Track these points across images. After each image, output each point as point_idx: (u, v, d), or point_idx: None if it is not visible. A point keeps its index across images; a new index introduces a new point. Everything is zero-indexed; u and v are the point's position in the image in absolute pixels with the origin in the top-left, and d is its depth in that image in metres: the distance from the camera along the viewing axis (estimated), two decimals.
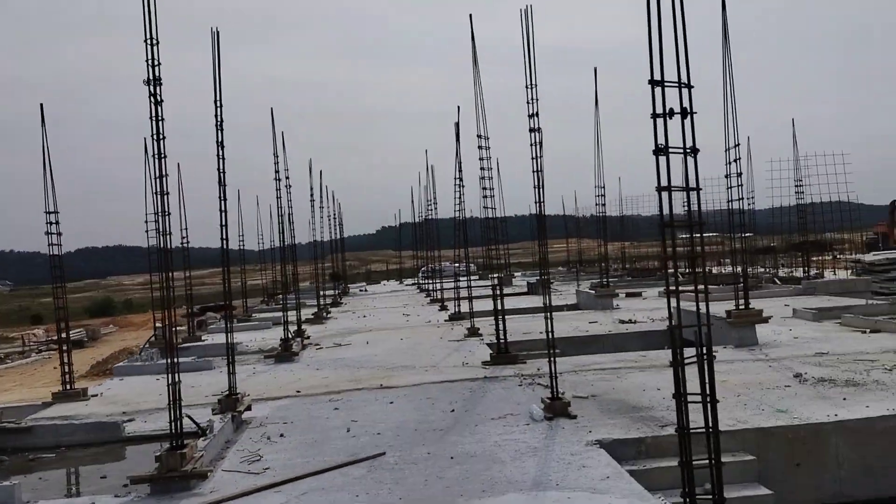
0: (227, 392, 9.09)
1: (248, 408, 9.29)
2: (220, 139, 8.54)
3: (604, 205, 24.25)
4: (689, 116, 4.92)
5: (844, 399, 8.14)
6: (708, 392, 4.84)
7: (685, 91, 4.89)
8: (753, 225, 25.87)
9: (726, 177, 12.75)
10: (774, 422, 7.43)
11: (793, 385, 9.07)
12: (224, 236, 8.71)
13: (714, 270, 31.73)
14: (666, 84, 4.87)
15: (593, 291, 21.67)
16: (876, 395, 8.20)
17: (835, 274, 28.15)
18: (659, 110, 4.90)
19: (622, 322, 17.02)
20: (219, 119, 8.56)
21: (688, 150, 4.93)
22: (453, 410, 8.84)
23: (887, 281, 22.79)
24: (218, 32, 8.57)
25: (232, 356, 9.29)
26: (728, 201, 13.07)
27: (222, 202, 8.53)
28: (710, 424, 4.81)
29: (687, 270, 14.74)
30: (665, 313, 14.40)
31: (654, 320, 16.62)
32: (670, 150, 4.92)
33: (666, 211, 4.91)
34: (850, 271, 27.84)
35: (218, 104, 8.52)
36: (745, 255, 16.72)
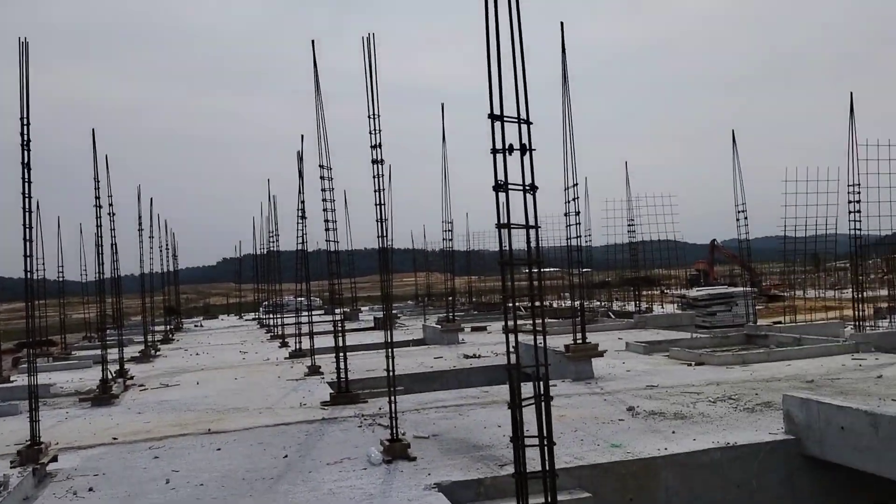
0: (29, 441, 8.11)
1: (55, 459, 8.32)
2: (26, 160, 7.66)
3: (451, 240, 24.56)
4: (528, 153, 4.84)
5: (673, 432, 8.37)
6: (545, 434, 4.71)
7: (524, 127, 4.82)
8: (590, 261, 26.98)
9: (565, 214, 13.13)
10: (609, 457, 7.49)
11: (626, 419, 9.27)
12: (28, 267, 7.80)
13: (555, 304, 32.83)
14: (505, 119, 4.78)
15: (439, 326, 21.66)
16: (702, 428, 8.50)
17: (663, 308, 29.87)
18: (499, 146, 4.80)
19: (467, 357, 17.04)
20: (26, 138, 7.68)
21: (527, 188, 4.84)
22: (286, 456, 8.31)
23: (708, 315, 24.48)
24: (27, 43, 7.74)
25: (35, 401, 8.30)
26: (567, 238, 13.44)
27: (27, 230, 7.64)
28: (547, 468, 4.69)
29: (527, 306, 15.01)
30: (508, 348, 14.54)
31: (498, 354, 16.74)
32: (511, 186, 4.81)
33: (506, 248, 4.80)
34: (675, 305, 29.68)
35: (25, 122, 7.66)
36: (582, 289, 17.26)
